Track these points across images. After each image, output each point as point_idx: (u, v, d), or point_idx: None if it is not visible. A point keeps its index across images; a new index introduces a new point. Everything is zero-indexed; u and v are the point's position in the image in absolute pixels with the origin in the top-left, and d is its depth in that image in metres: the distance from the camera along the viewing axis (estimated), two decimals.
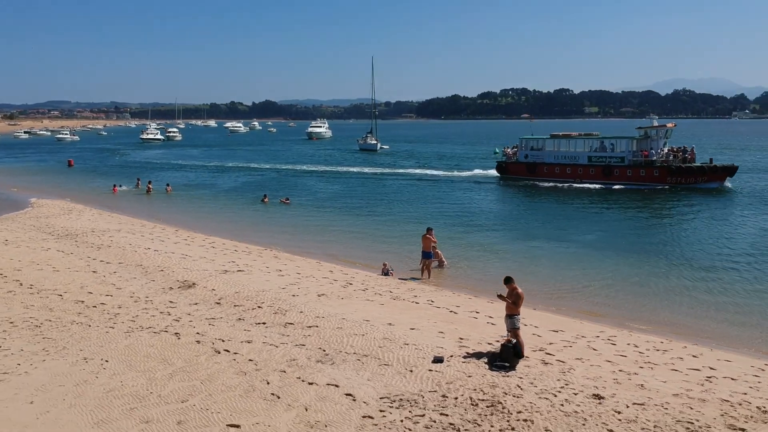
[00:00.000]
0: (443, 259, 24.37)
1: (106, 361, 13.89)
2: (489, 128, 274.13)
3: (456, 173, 67.35)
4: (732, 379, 13.20)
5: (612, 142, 53.46)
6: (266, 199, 44.35)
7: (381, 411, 11.41)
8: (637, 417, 11.16)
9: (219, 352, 14.40)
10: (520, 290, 14.36)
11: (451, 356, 14.19)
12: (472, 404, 11.79)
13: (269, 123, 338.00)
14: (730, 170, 49.96)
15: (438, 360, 13.80)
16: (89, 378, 12.96)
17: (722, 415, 11.26)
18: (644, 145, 51.29)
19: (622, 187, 49.66)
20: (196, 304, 18.43)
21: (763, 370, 13.90)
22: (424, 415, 11.25)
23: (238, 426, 10.87)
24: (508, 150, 60.75)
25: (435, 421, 11.02)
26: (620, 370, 13.51)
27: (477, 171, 66.84)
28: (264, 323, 16.65)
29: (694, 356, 14.74)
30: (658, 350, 15.08)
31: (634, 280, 22.59)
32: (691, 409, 11.53)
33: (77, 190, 52.66)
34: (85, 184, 59.36)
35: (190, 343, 14.97)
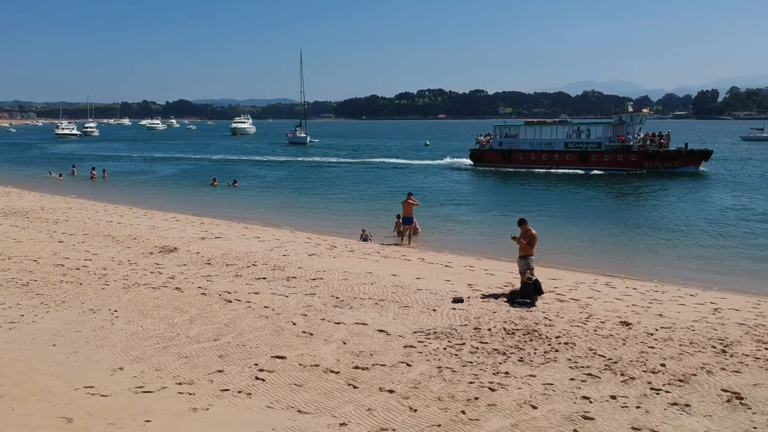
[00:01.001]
0: (418, 227, 24.52)
1: (116, 311, 13.34)
2: (409, 127, 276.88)
3: (427, 162, 67.70)
4: (736, 309, 13.89)
5: (588, 128, 54.38)
6: (215, 183, 43.56)
7: (420, 342, 11.43)
8: (670, 337, 11.61)
9: (230, 302, 14.05)
10: (533, 231, 14.67)
11: (469, 297, 14.34)
12: (508, 333, 11.97)
13: (186, 122, 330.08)
14: (705, 155, 51.66)
15: (458, 300, 13.92)
16: (105, 325, 12.42)
17: (746, 333, 11.86)
18: (620, 130, 52.20)
19: (601, 172, 50.33)
20: (184, 265, 17.90)
21: (759, 303, 14.65)
22: (464, 344, 11.34)
23: (283, 357, 10.65)
24: (482, 138, 60.98)
25: (477, 348, 11.12)
26: (633, 305, 14.01)
27: (448, 159, 66.92)
28: (264, 278, 16.36)
29: (691, 295, 15.42)
30: (656, 291, 15.70)
31: (613, 243, 23.56)
32: (716, 330, 12.09)
33: (6, 178, 50.06)
34: (14, 172, 56.59)
35: (196, 295, 14.55)
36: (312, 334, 11.84)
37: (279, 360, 10.54)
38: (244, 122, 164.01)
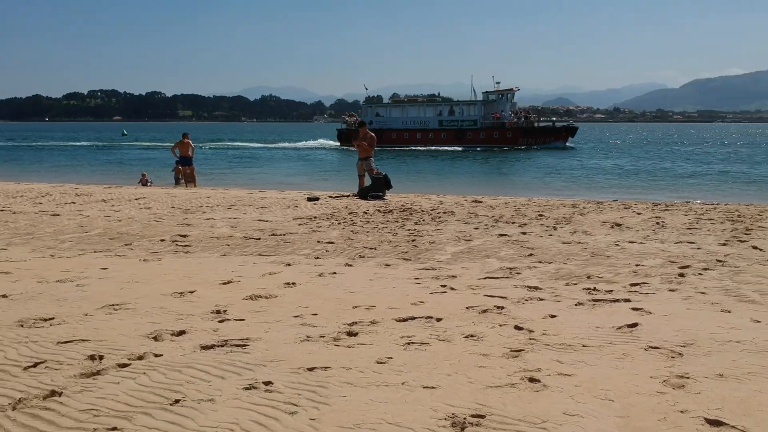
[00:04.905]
0: (195, 174, 23.40)
1: None
2: (88, 126, 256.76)
3: (287, 144, 66.50)
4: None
5: (462, 107, 54.87)
6: None
7: (308, 223, 11.25)
8: (528, 203, 13.11)
9: (58, 215, 12.28)
10: (372, 134, 15.22)
11: (319, 198, 14.40)
12: (387, 212, 12.40)
13: None
14: (572, 131, 55.67)
15: (314, 198, 13.94)
16: None
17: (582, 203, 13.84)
18: (493, 108, 53.43)
19: (479, 149, 50.60)
20: None
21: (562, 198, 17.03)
22: (353, 221, 11.48)
23: (185, 235, 9.83)
24: (348, 118, 58.76)
25: (368, 221, 11.36)
26: (464, 197, 15.35)
27: (320, 140, 65.65)
28: (73, 202, 14.47)
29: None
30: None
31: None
32: (560, 201, 13.90)
33: None
34: None
35: (8, 213, 12.39)
36: (190, 225, 10.99)
37: (183, 237, 9.66)
38: None
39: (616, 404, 3.39)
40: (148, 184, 21.51)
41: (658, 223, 10.67)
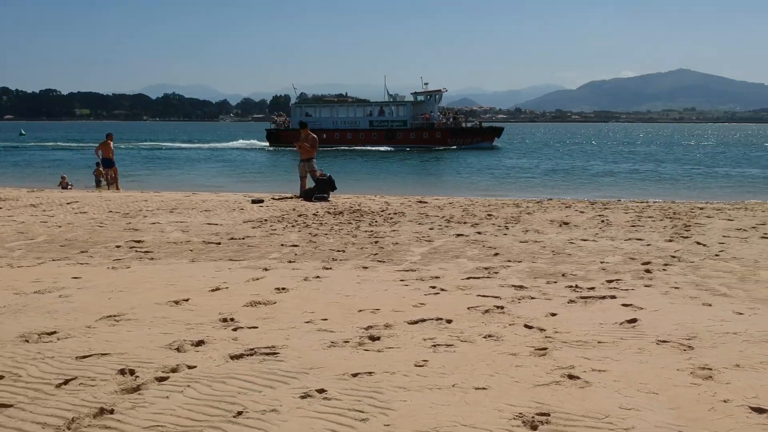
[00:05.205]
0: (117, 176, 22.59)
1: None
2: None
3: (214, 144, 64.57)
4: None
5: (391, 107, 54.80)
6: None
7: (260, 225, 11.14)
8: (471, 204, 13.39)
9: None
10: (313, 135, 15.16)
11: (264, 200, 14.24)
12: (337, 213, 12.42)
13: None
14: (498, 131, 56.47)
15: (258, 201, 13.78)
16: None
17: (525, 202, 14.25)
18: (422, 108, 53.68)
19: (409, 149, 50.70)
20: None
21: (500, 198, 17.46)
22: (306, 223, 11.44)
23: (140, 240, 9.56)
24: (277, 118, 57.34)
25: (321, 224, 11.35)
26: (407, 197, 15.53)
27: (241, 141, 63.93)
28: (1, 207, 13.74)
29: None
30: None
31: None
32: (499, 201, 14.28)
33: None
34: None
35: None
36: (138, 230, 10.65)
37: (138, 243, 9.37)
38: None
39: (661, 397, 3.59)
40: (69, 187, 20.62)
41: (603, 221, 11.16)
